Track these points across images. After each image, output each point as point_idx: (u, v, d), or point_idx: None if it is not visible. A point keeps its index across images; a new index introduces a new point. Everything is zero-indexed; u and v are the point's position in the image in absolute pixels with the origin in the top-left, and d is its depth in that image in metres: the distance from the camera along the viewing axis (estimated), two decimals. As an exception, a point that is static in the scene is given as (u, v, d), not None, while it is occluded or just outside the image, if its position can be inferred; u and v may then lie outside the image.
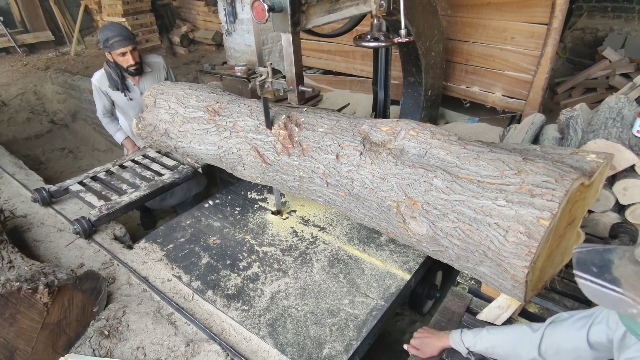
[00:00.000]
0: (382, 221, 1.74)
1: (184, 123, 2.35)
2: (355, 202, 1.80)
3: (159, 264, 2.07)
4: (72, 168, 5.17)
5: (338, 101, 4.25)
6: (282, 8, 1.60)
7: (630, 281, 0.80)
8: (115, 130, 3.20)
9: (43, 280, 1.51)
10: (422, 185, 1.54)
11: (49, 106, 5.90)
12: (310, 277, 1.95)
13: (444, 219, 1.48)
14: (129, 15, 6.84)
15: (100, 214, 2.19)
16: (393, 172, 1.63)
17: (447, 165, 1.54)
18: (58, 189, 2.48)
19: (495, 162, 1.45)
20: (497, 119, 3.48)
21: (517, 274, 1.33)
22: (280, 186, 2.11)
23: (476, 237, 1.40)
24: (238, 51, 5.50)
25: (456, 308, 1.72)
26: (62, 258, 2.09)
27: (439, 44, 2.91)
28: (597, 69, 4.25)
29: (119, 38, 2.73)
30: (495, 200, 1.36)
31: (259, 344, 1.66)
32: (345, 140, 1.81)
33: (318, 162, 1.86)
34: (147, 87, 2.95)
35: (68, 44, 7.59)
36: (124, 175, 2.64)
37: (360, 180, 1.73)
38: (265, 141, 2.03)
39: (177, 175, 2.53)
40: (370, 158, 1.71)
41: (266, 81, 1.89)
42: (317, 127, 1.93)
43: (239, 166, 2.17)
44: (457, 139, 1.64)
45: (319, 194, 1.93)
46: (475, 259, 1.45)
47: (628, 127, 2.03)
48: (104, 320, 1.73)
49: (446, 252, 1.55)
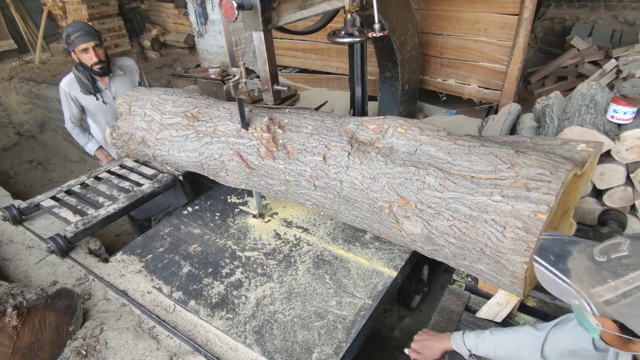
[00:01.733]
0: (374, 222, 1.70)
1: (161, 130, 2.26)
2: (345, 204, 1.75)
3: (137, 276, 1.99)
4: (43, 181, 4.98)
5: (315, 100, 4.21)
6: (252, 5, 1.55)
7: (580, 274, 0.84)
8: (86, 141, 3.02)
9: (11, 302, 1.42)
10: (415, 184, 1.50)
11: (14, 117, 5.67)
12: (295, 280, 1.91)
13: (438, 218, 1.44)
14: (95, 19, 6.65)
15: (76, 229, 2.07)
16: (383, 172, 1.58)
17: (439, 161, 1.50)
18: (29, 205, 2.33)
19: (488, 157, 1.42)
20: (475, 110, 3.51)
21: (517, 270, 1.30)
22: (266, 191, 2.04)
23: (472, 234, 1.37)
24: (211, 53, 5.40)
25: (454, 307, 1.68)
26: (32, 276, 1.99)
27: (413, 38, 2.91)
28: (566, 57, 4.35)
29: (79, 33, 2.58)
30: (491, 196, 1.33)
31: (246, 352, 1.61)
32: (331, 141, 1.76)
33: (304, 164, 1.80)
34: (120, 90, 2.84)
35: (32, 52, 7.31)
36: (100, 187, 2.50)
37: (349, 182, 1.68)
38: (248, 145, 1.96)
39: (157, 185, 2.42)
40: (359, 158, 1.66)
41: (240, 82, 1.84)
42: (302, 128, 1.87)
43: (221, 172, 2.10)
44: (447, 134, 1.60)
45: (306, 197, 1.88)
46: (472, 256, 1.42)
47: (602, 112, 2.06)
48: (81, 340, 1.64)
49: (442, 251, 1.51)
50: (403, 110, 3.21)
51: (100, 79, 2.82)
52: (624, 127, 1.99)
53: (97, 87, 2.82)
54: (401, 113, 3.21)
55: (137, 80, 3.00)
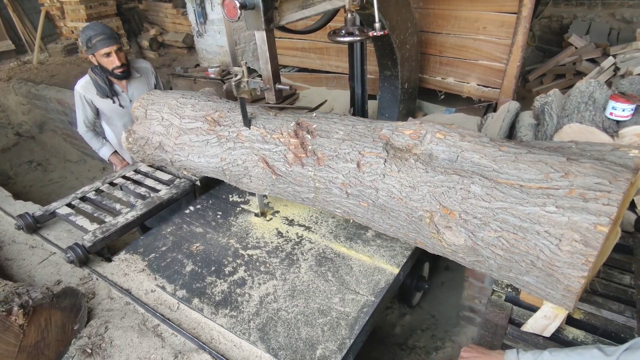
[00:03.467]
0: (410, 232, 1.64)
1: (180, 135, 2.21)
2: (380, 213, 1.68)
3: (141, 275, 2.00)
4: (43, 181, 4.98)
5: (315, 99, 4.22)
6: (255, 5, 1.55)
7: None
8: (100, 145, 2.95)
9: (17, 301, 1.43)
10: (459, 193, 1.43)
11: (13, 118, 5.66)
12: (298, 278, 1.92)
13: (485, 229, 1.37)
14: (93, 19, 6.63)
15: (94, 238, 2.03)
16: (424, 180, 1.51)
17: (484, 169, 1.43)
18: (44, 213, 2.27)
19: (537, 164, 1.35)
20: (474, 108, 3.53)
21: (572, 284, 1.24)
22: (293, 198, 1.99)
23: (523, 246, 1.31)
24: (210, 52, 5.40)
25: (498, 320, 1.62)
26: (36, 276, 1.99)
27: (413, 37, 2.92)
28: (564, 55, 4.37)
29: (102, 37, 2.52)
30: (544, 207, 1.27)
31: (251, 349, 1.62)
32: (365, 147, 1.69)
33: (336, 171, 1.74)
34: (137, 93, 2.80)
35: (30, 52, 7.29)
36: (116, 193, 2.45)
37: (386, 190, 1.61)
38: (275, 151, 1.91)
39: (175, 190, 2.37)
40: (396, 165, 1.59)
41: (242, 81, 1.85)
42: (332, 133, 1.81)
43: (244, 179, 2.05)
44: (489, 140, 1.52)
45: (337, 205, 1.83)
46: (520, 269, 1.36)
47: (601, 110, 2.08)
48: (86, 338, 1.65)
49: (485, 263, 1.45)
50: (403, 108, 3.23)
51: (117, 81, 2.76)
52: (622, 124, 2.01)
53: (114, 90, 2.77)
54: (401, 112, 3.22)
55: (152, 82, 2.95)
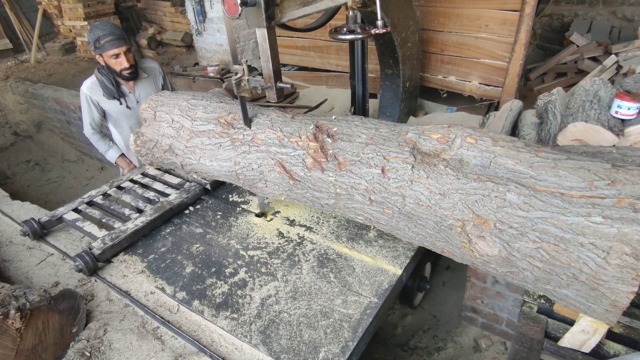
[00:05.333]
0: (438, 241, 1.59)
1: (191, 138, 2.15)
2: (405, 221, 1.62)
3: (140, 277, 1.97)
4: (41, 181, 4.95)
5: (315, 97, 4.19)
6: (256, 2, 1.53)
7: None
8: (107, 148, 2.88)
9: (14, 304, 1.40)
10: (494, 201, 1.36)
11: (11, 117, 5.62)
12: (300, 279, 1.89)
13: (522, 239, 1.31)
14: (91, 18, 6.60)
15: (104, 246, 1.98)
16: (455, 187, 1.45)
17: (520, 176, 1.37)
18: (50, 218, 2.22)
19: (579, 171, 1.28)
20: (475, 107, 3.50)
21: (620, 299, 1.19)
22: (311, 204, 1.94)
23: (564, 258, 1.25)
24: (210, 51, 5.37)
25: (533, 334, 1.56)
26: (33, 277, 1.97)
27: (414, 35, 2.89)
28: (565, 54, 4.35)
29: (110, 37, 2.46)
30: (589, 217, 1.20)
31: (252, 352, 1.59)
32: (390, 152, 1.62)
33: (359, 177, 1.68)
34: (144, 94, 2.75)
35: (27, 51, 7.25)
36: (124, 198, 2.39)
37: (414, 197, 1.54)
38: (292, 155, 1.85)
39: (185, 195, 2.31)
40: (424, 171, 1.52)
41: (242, 79, 1.82)
42: (354, 137, 1.74)
43: (259, 183, 1.99)
44: (524, 145, 1.46)
45: (359, 211, 1.77)
46: (559, 281, 1.31)
47: (606, 108, 2.05)
48: (85, 341, 1.63)
49: (520, 274, 1.39)
50: (404, 107, 3.20)
51: (124, 82, 2.71)
52: (627, 123, 1.99)
53: (121, 91, 2.71)
54: (402, 110, 3.20)
55: (160, 83, 2.90)
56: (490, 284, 2.48)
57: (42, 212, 2.45)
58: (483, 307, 2.62)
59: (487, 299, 2.56)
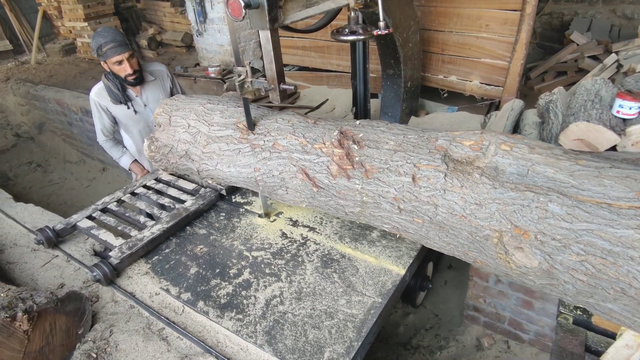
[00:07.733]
0: (471, 251, 1.54)
1: (208, 143, 2.12)
2: (436, 230, 1.57)
3: (145, 278, 1.98)
4: (43, 182, 4.96)
5: (316, 97, 4.20)
6: (259, 4, 1.53)
7: None
8: (120, 154, 2.87)
9: (21, 307, 1.41)
10: (534, 212, 1.31)
11: (12, 119, 5.63)
12: (304, 280, 1.90)
13: (565, 252, 1.27)
14: (91, 19, 6.60)
15: (121, 255, 1.94)
16: (492, 197, 1.40)
17: (561, 186, 1.31)
18: (65, 226, 2.18)
19: (625, 180, 1.23)
20: (476, 107, 3.51)
21: None
22: (334, 212, 1.89)
23: (612, 272, 1.20)
24: (210, 52, 5.37)
25: (573, 347, 1.50)
26: (39, 279, 1.98)
27: (415, 35, 2.90)
28: (566, 52, 4.35)
29: (112, 45, 2.45)
30: (639, 229, 1.16)
31: (257, 353, 1.60)
32: (421, 159, 1.57)
33: (387, 185, 1.63)
34: (151, 97, 2.75)
35: (27, 52, 7.26)
36: (139, 204, 2.36)
37: (447, 207, 1.50)
38: (316, 162, 1.81)
39: (202, 201, 2.28)
40: (458, 180, 1.47)
41: (246, 81, 1.83)
42: (381, 143, 1.70)
43: (280, 190, 1.95)
44: (563, 152, 1.40)
45: (386, 220, 1.73)
46: (605, 296, 1.26)
47: (607, 108, 2.06)
48: (91, 342, 1.64)
49: (561, 287, 1.35)
50: (405, 107, 3.21)
51: (130, 86, 2.70)
52: (629, 122, 2.00)
53: (128, 95, 2.70)
54: (404, 110, 3.21)
55: (168, 86, 2.88)
56: (493, 283, 2.49)
57: (46, 215, 2.46)
58: (485, 306, 2.63)
59: (489, 297, 2.57)
